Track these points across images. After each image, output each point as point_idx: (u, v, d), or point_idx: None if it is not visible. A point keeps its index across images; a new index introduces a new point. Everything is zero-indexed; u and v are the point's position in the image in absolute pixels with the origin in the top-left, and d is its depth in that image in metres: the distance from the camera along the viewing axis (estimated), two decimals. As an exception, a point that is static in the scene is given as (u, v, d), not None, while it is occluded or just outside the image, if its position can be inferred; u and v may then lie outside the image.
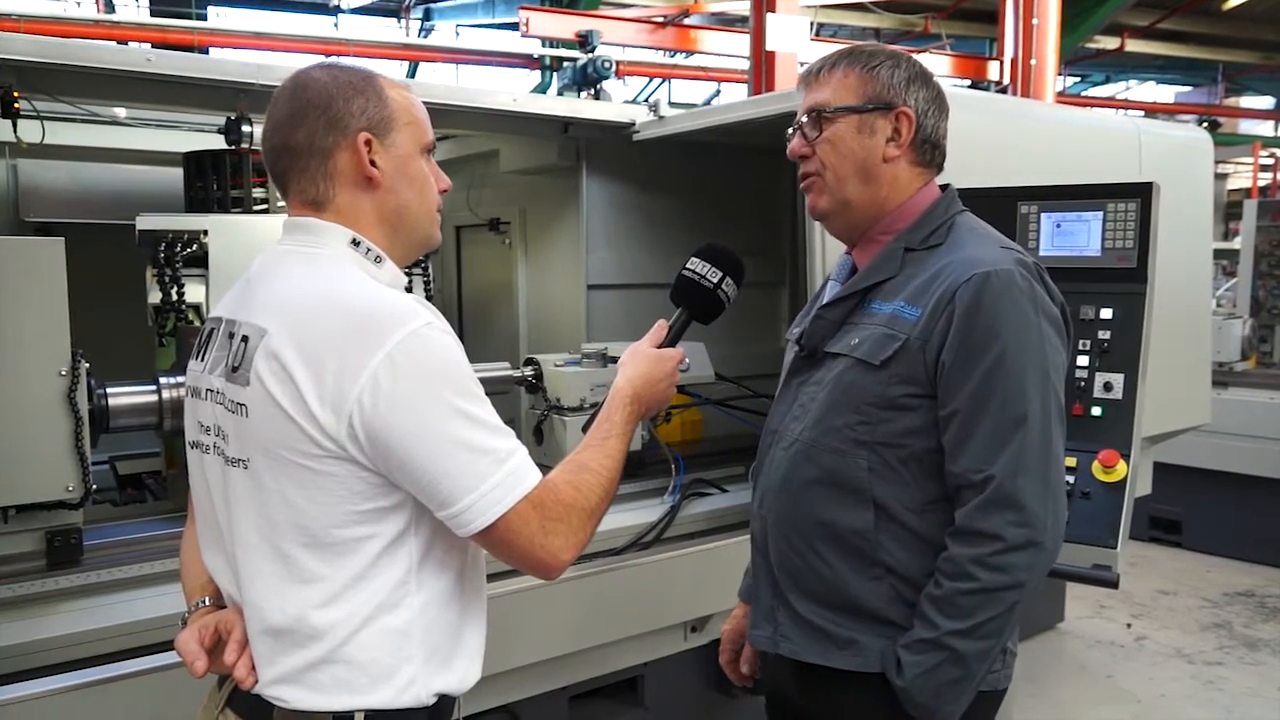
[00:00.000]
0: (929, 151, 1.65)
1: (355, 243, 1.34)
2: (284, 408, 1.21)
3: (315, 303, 1.25)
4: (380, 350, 1.20)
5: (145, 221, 2.55)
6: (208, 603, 1.40)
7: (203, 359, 1.38)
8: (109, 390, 2.20)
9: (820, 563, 1.60)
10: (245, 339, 1.28)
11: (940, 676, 1.48)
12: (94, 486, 2.12)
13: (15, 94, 2.42)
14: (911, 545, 1.55)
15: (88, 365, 2.10)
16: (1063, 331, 1.57)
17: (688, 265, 1.66)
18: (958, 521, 1.50)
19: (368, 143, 1.34)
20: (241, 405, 1.26)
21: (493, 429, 1.27)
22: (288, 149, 1.34)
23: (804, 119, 1.65)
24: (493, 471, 1.24)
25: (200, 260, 2.56)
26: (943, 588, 1.49)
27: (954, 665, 1.48)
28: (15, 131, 2.53)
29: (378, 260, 1.35)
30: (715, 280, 1.63)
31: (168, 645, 1.90)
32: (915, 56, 1.69)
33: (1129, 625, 4.86)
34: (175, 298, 2.52)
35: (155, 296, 2.53)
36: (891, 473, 1.55)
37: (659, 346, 1.60)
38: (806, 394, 1.66)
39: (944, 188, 1.70)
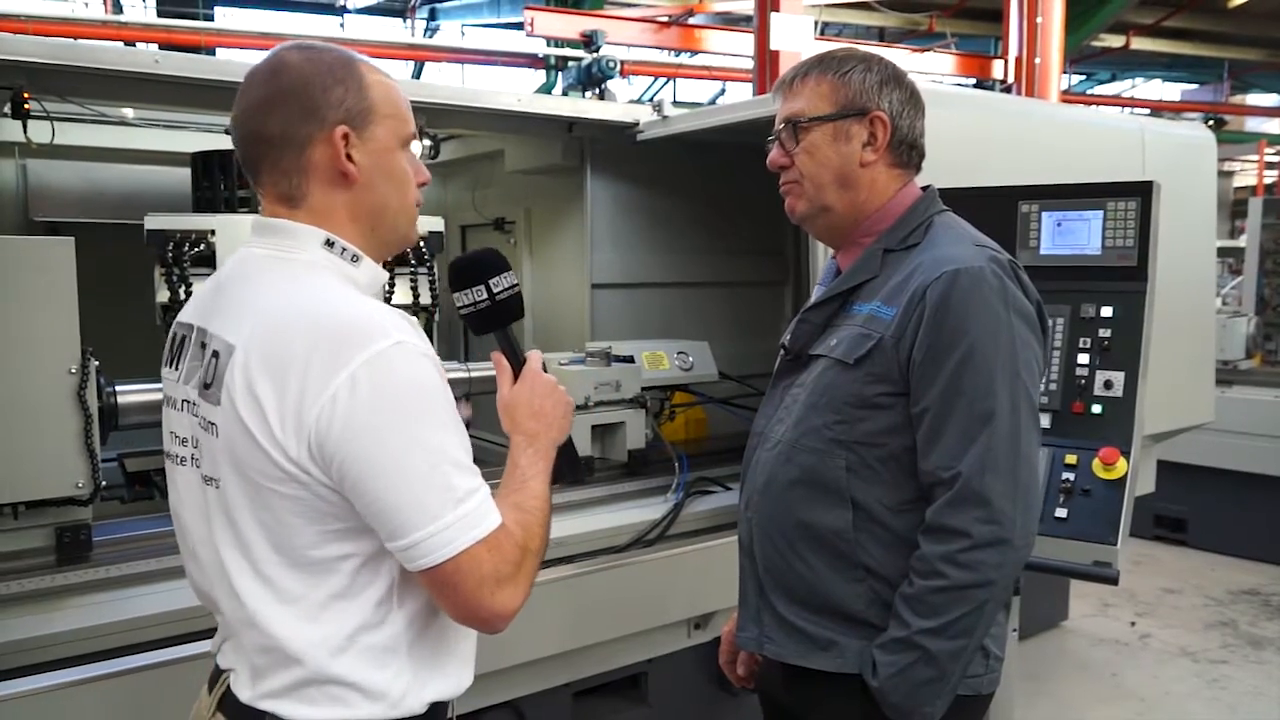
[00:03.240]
0: (905, 152, 1.65)
1: (329, 243, 1.27)
2: (250, 430, 1.17)
3: (283, 317, 1.19)
4: (344, 370, 1.14)
5: (153, 221, 2.57)
6: None
7: (177, 367, 1.33)
8: (118, 388, 2.22)
9: (802, 564, 1.61)
10: (216, 354, 1.23)
11: (914, 676, 1.48)
12: (103, 483, 2.14)
13: (25, 95, 2.44)
14: (890, 546, 1.56)
15: (97, 363, 2.12)
16: (1037, 328, 1.57)
17: (456, 304, 1.50)
18: (927, 519, 1.50)
19: (345, 137, 1.26)
20: (213, 424, 1.22)
21: (455, 464, 1.19)
22: (260, 137, 1.27)
23: (781, 129, 1.67)
24: (446, 510, 1.17)
25: (208, 259, 2.59)
26: (914, 586, 1.50)
27: (927, 665, 1.47)
28: (25, 132, 2.55)
29: (354, 259, 1.29)
30: (483, 296, 1.46)
31: (176, 640, 1.94)
32: (888, 58, 1.68)
33: (1133, 624, 4.86)
34: (183, 296, 2.54)
35: (163, 295, 2.56)
36: (870, 472, 1.56)
37: (515, 376, 1.48)
38: (791, 396, 1.67)
39: (926, 188, 1.70)
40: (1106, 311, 2.10)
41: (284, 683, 1.23)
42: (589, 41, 8.41)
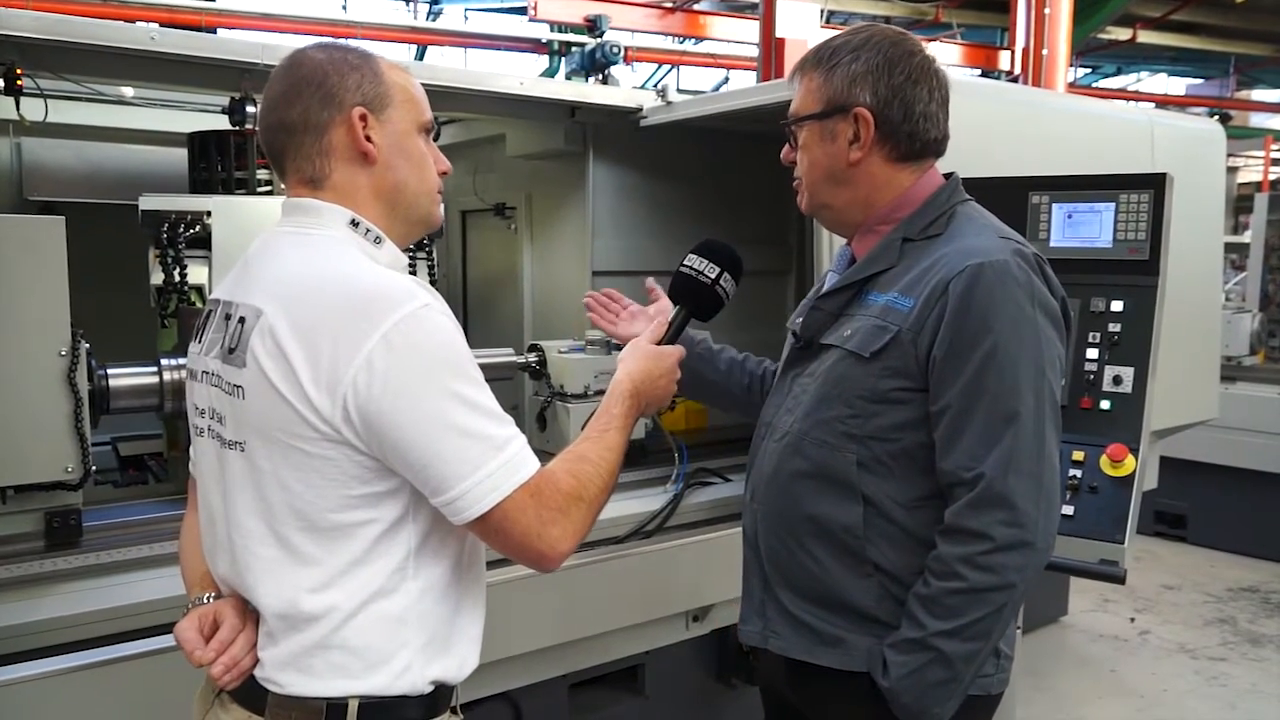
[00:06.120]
0: (905, 143, 1.56)
1: (354, 223, 1.33)
2: (279, 390, 1.20)
3: (312, 284, 1.24)
4: (376, 332, 1.18)
5: (148, 202, 2.53)
6: (210, 599, 1.38)
7: (200, 341, 1.38)
8: (109, 371, 2.19)
9: (809, 559, 1.58)
10: (242, 320, 1.27)
11: (927, 677, 1.45)
12: (94, 468, 2.11)
13: (19, 71, 2.40)
14: (901, 543, 1.52)
15: (88, 345, 2.08)
16: (1061, 325, 1.53)
17: (685, 262, 1.65)
18: (947, 520, 1.47)
19: (363, 118, 1.32)
20: (238, 387, 1.25)
21: (490, 415, 1.24)
22: (283, 126, 1.33)
23: (789, 126, 1.65)
24: (488, 459, 1.22)
25: (203, 241, 2.54)
26: (931, 587, 1.46)
27: (940, 666, 1.45)
28: (18, 109, 2.51)
29: (377, 241, 1.34)
30: (713, 276, 1.62)
31: (168, 628, 1.89)
32: (894, 38, 1.57)
33: (1133, 620, 4.85)
34: (178, 279, 2.51)
35: (158, 277, 2.52)
36: (881, 468, 1.52)
37: (659, 343, 1.60)
38: (800, 386, 1.63)
39: (949, 176, 1.64)
40: (1117, 306, 2.07)
41: (290, 650, 1.26)
42: (593, 26, 8.36)
